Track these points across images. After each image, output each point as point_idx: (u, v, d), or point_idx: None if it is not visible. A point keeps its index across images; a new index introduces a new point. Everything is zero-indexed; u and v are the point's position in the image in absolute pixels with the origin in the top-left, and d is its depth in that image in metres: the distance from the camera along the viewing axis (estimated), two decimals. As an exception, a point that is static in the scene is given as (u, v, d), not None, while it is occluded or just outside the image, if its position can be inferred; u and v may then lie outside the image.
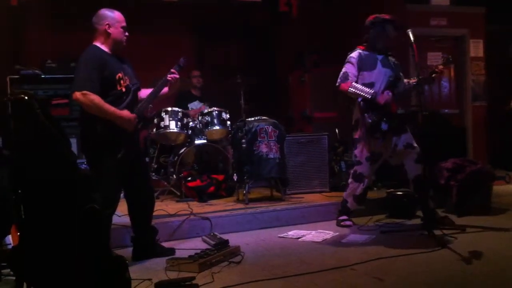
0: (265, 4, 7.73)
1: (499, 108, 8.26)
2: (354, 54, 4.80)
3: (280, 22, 8.08)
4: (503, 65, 8.55)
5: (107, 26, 3.82)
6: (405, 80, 4.94)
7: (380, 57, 4.79)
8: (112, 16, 3.86)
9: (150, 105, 3.98)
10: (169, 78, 3.96)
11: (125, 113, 3.74)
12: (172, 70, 3.98)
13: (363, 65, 4.75)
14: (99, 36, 3.86)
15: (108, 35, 3.83)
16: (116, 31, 3.85)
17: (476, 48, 8.09)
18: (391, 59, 4.85)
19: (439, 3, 7.93)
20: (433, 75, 4.69)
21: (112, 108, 3.68)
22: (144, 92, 4.04)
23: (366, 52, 4.80)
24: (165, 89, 4.04)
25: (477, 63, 8.13)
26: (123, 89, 3.81)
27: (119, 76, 3.79)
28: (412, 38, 4.49)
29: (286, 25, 8.14)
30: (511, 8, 7.85)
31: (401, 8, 7.54)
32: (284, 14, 7.84)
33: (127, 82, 3.84)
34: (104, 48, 3.84)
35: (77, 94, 3.61)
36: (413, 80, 4.84)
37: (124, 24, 3.90)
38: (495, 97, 8.30)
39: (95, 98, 3.61)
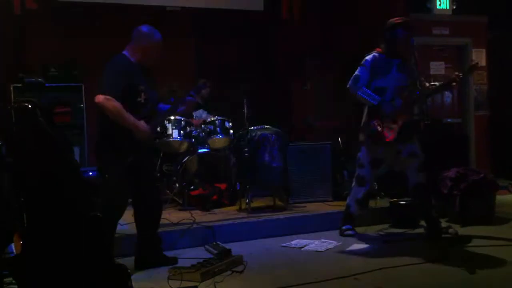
0: (267, 12, 7.75)
1: (502, 117, 8.26)
2: (369, 58, 4.74)
3: (282, 28, 8.09)
4: (506, 74, 8.54)
5: (142, 47, 3.92)
6: (426, 84, 4.88)
7: (396, 61, 4.69)
8: (150, 40, 3.95)
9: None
10: (188, 99, 4.10)
11: (142, 124, 3.83)
12: (191, 93, 4.09)
13: (376, 69, 4.68)
14: (131, 48, 3.95)
15: (140, 53, 3.93)
16: (148, 54, 3.95)
17: (478, 57, 8.08)
18: (409, 63, 4.71)
19: (442, 12, 7.94)
20: (454, 83, 4.61)
21: (131, 117, 3.77)
22: (160, 107, 4.16)
23: (382, 56, 4.72)
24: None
25: (480, 72, 8.12)
26: (143, 101, 3.90)
27: (141, 88, 3.89)
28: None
29: (288, 32, 8.16)
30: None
31: (403, 16, 7.54)
32: (286, 21, 7.87)
33: (148, 95, 3.93)
34: (132, 58, 3.92)
35: (101, 98, 3.69)
36: (432, 85, 4.81)
37: (159, 48, 3.99)
38: (498, 106, 8.30)
39: (117, 105, 3.70)
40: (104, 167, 3.88)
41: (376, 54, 4.74)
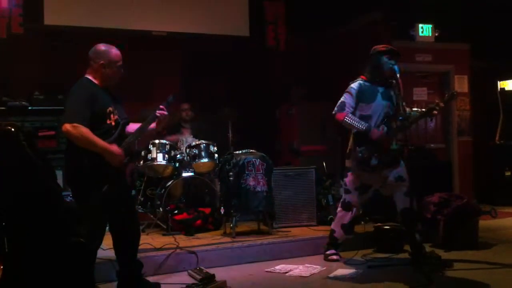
0: (253, 39, 7.83)
1: (484, 143, 8.36)
2: (355, 85, 4.77)
3: (268, 55, 8.17)
4: (488, 101, 8.69)
5: (102, 65, 3.80)
6: (407, 109, 4.93)
7: (381, 89, 4.74)
8: (108, 56, 3.82)
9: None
10: (158, 114, 3.94)
11: (114, 147, 3.69)
12: (161, 107, 3.96)
13: (362, 96, 4.71)
14: (92, 70, 3.84)
15: (101, 72, 3.82)
16: (110, 71, 3.83)
17: (461, 84, 8.21)
18: (392, 90, 4.77)
19: (424, 39, 8.07)
20: (434, 112, 4.65)
21: (101, 142, 3.62)
22: (132, 127, 4.01)
23: (367, 83, 4.76)
24: (153, 125, 4.01)
25: (462, 99, 8.24)
26: (113, 123, 3.78)
27: (109, 110, 3.77)
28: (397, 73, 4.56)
29: (274, 58, 8.25)
30: (495, 44, 8.02)
31: (387, 43, 7.66)
32: (272, 48, 7.95)
33: (117, 116, 3.83)
34: (95, 81, 3.81)
35: (67, 126, 3.56)
36: (415, 110, 4.86)
37: (119, 63, 3.87)
38: (480, 132, 8.41)
39: (85, 131, 3.57)
40: (79, 200, 3.70)
41: (361, 82, 4.78)
